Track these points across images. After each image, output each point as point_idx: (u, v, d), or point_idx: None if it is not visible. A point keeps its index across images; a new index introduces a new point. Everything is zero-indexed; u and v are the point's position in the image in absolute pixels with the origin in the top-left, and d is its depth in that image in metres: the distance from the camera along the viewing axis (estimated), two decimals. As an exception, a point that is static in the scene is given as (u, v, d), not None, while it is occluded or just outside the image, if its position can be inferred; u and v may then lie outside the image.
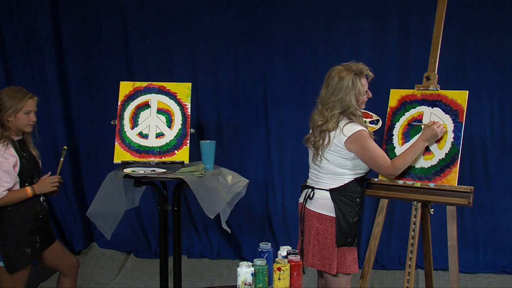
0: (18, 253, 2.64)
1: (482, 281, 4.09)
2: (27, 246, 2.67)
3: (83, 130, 4.73)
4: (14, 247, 2.63)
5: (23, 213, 2.66)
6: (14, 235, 2.64)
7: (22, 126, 2.68)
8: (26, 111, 2.67)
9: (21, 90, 2.71)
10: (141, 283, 4.07)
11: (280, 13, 4.42)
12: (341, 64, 2.61)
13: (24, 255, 2.66)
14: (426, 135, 2.64)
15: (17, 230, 2.65)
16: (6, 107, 2.64)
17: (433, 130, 2.62)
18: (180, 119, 3.17)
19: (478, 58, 4.22)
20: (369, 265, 2.75)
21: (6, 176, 2.58)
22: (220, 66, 4.53)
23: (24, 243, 2.66)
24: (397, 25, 4.29)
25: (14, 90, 2.69)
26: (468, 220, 4.31)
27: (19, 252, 2.64)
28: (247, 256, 4.40)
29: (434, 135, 2.63)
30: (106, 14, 4.59)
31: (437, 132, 2.62)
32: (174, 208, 3.08)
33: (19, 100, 2.65)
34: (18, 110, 2.65)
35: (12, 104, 2.64)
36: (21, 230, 2.66)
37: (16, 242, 2.64)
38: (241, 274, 2.22)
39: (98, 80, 4.64)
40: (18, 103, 2.65)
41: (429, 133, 2.63)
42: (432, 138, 2.64)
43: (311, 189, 2.66)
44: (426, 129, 2.65)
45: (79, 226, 4.67)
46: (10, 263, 2.63)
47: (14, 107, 2.64)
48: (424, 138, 2.64)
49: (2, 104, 2.64)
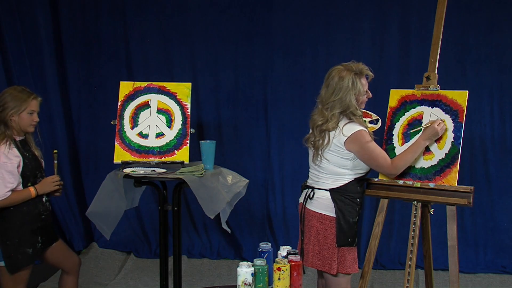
0: (19, 253, 2.64)
1: (482, 281, 4.09)
2: (29, 247, 2.67)
3: (83, 130, 4.73)
4: (15, 247, 2.63)
5: (25, 214, 2.66)
6: (15, 235, 2.63)
7: (25, 126, 2.68)
8: (30, 111, 2.67)
9: (25, 90, 2.71)
10: (141, 283, 4.07)
11: (280, 13, 4.42)
12: (341, 64, 2.61)
13: (25, 255, 2.65)
14: (427, 134, 2.64)
15: (19, 230, 2.64)
16: (10, 106, 2.63)
17: (434, 129, 2.62)
18: (180, 119, 3.17)
19: (478, 58, 4.22)
20: (369, 265, 2.75)
21: (10, 176, 2.58)
22: (220, 66, 4.53)
23: (26, 243, 2.66)
24: (397, 25, 4.29)
25: (18, 90, 2.69)
26: (468, 220, 4.31)
27: (20, 252, 2.64)
28: (247, 256, 4.40)
29: (435, 133, 2.62)
30: (106, 14, 4.59)
31: (437, 130, 2.62)
32: (174, 208, 3.08)
33: (23, 100, 2.66)
34: (22, 110, 2.65)
35: (16, 104, 2.64)
36: (23, 230, 2.65)
37: (18, 242, 2.64)
38: (241, 274, 2.22)
39: (98, 80, 4.64)
40: (22, 103, 2.65)
41: (430, 132, 2.63)
42: (434, 137, 2.64)
43: (311, 189, 2.66)
44: (427, 128, 2.65)
45: (79, 226, 4.67)
46: (10, 263, 2.62)
47: (18, 107, 2.64)
48: (426, 137, 2.64)
49: (5, 104, 2.64)
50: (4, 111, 2.63)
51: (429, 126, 2.65)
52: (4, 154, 2.58)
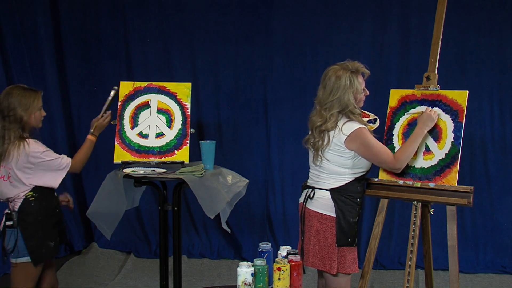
0: (43, 247, 2.70)
1: (482, 281, 4.09)
2: (51, 240, 2.73)
3: (83, 130, 4.71)
4: (40, 240, 2.68)
5: (45, 208, 2.70)
6: (39, 229, 2.68)
7: (37, 122, 2.72)
8: (39, 107, 2.71)
9: (28, 87, 2.72)
10: (141, 283, 4.07)
11: (280, 13, 4.42)
12: (337, 64, 2.62)
13: (49, 248, 2.72)
14: (422, 121, 2.65)
15: (41, 224, 2.69)
16: (23, 105, 2.63)
17: (427, 114, 2.64)
18: (180, 119, 3.17)
19: (478, 58, 4.22)
20: (369, 265, 2.75)
21: (51, 153, 2.67)
22: (220, 66, 4.53)
23: (48, 237, 2.72)
24: (397, 25, 4.29)
25: (23, 89, 2.69)
26: (468, 220, 4.31)
27: (44, 245, 2.70)
28: (247, 256, 4.40)
29: (430, 118, 2.63)
30: (106, 14, 4.60)
31: (431, 114, 2.63)
32: (174, 208, 3.08)
33: (33, 98, 2.67)
34: (35, 108, 2.67)
35: (28, 103, 2.65)
36: (45, 224, 2.71)
37: (42, 236, 2.69)
38: (241, 274, 2.22)
39: (98, 80, 4.64)
40: (34, 101, 2.67)
41: (425, 117, 2.64)
42: (430, 122, 2.64)
43: (311, 189, 2.66)
44: (421, 116, 2.66)
45: (79, 226, 4.67)
46: (35, 257, 2.66)
47: (31, 106, 2.65)
48: (422, 125, 2.64)
49: (18, 103, 2.63)
50: (16, 112, 2.63)
51: (422, 113, 2.66)
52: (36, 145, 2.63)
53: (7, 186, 2.65)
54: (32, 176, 2.65)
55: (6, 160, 2.61)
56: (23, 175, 2.63)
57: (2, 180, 2.65)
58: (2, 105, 2.64)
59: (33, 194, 2.65)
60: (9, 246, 2.64)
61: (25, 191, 2.64)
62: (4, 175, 2.65)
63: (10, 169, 2.62)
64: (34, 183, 2.65)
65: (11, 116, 2.62)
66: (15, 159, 2.60)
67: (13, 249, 2.63)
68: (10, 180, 2.64)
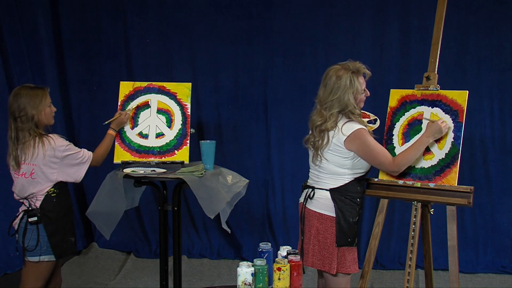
0: (65, 242, 2.75)
1: (482, 281, 4.09)
2: (71, 235, 2.79)
3: (83, 130, 4.73)
4: (62, 236, 2.73)
5: (63, 206, 2.75)
6: (61, 225, 2.73)
7: (49, 119, 2.74)
8: (49, 104, 2.73)
9: (34, 86, 2.73)
10: (141, 283, 4.07)
11: (280, 13, 4.42)
12: (338, 64, 2.61)
13: (70, 244, 2.78)
14: (431, 131, 2.63)
15: (63, 220, 2.74)
16: (32, 104, 2.64)
17: (437, 125, 2.61)
18: (180, 119, 3.17)
19: (478, 58, 4.22)
20: (369, 265, 2.75)
21: (73, 146, 2.73)
22: (220, 66, 4.53)
23: (69, 232, 2.78)
24: (397, 25, 4.29)
25: (30, 88, 2.70)
26: (468, 220, 4.31)
27: (65, 241, 2.75)
28: (247, 256, 4.40)
29: (439, 130, 2.62)
30: (106, 14, 4.60)
31: (441, 127, 2.62)
32: (174, 208, 3.08)
33: (41, 95, 2.69)
34: (45, 105, 2.69)
35: (37, 101, 2.66)
36: (65, 220, 2.76)
37: (63, 231, 2.74)
38: (241, 274, 2.22)
39: (98, 80, 4.65)
40: (42, 98, 2.69)
41: (434, 128, 2.62)
42: (437, 134, 2.63)
43: (311, 189, 2.66)
44: (431, 125, 2.65)
45: (79, 226, 4.67)
46: (58, 253, 2.70)
47: (40, 103, 2.67)
48: (429, 134, 2.63)
49: (28, 102, 2.63)
50: (27, 111, 2.63)
51: (433, 123, 2.64)
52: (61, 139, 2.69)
53: (29, 182, 2.67)
54: (57, 171, 2.69)
55: (28, 158, 2.63)
56: (49, 170, 2.66)
57: (23, 177, 2.67)
58: (12, 107, 2.65)
59: (54, 190, 2.70)
60: (31, 244, 2.65)
61: (48, 187, 2.68)
62: (25, 172, 2.66)
63: (35, 165, 2.64)
64: (59, 178, 2.71)
65: (23, 116, 2.64)
66: (41, 155, 2.62)
67: (35, 246, 2.64)
68: (32, 177, 2.66)
